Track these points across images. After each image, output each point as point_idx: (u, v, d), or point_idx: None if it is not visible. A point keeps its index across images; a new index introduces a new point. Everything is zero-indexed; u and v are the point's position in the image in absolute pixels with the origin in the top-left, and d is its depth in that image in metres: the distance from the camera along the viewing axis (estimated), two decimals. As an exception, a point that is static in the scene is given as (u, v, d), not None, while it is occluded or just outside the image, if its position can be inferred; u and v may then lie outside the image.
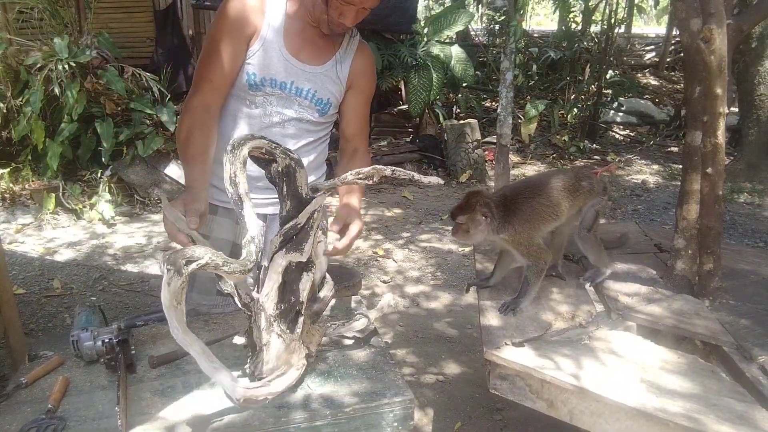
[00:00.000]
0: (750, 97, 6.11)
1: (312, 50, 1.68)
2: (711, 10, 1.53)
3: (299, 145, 1.75)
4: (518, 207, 1.74)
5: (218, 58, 1.60)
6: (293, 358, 1.25)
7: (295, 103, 1.69)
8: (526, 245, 1.74)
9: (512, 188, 1.84)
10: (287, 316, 1.23)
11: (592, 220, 1.88)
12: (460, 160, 6.40)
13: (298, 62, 1.66)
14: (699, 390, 1.36)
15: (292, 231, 1.16)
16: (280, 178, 1.17)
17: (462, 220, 1.71)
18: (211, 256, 1.03)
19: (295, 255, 1.17)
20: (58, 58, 4.83)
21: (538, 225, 1.76)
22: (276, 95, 1.67)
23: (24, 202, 4.91)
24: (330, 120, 1.82)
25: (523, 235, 1.72)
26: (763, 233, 4.80)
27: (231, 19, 1.59)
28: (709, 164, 1.68)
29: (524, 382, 1.47)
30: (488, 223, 1.71)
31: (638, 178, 6.42)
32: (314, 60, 1.68)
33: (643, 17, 15.93)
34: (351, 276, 3.50)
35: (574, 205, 1.85)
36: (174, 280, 0.99)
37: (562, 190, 1.80)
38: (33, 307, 3.47)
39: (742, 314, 1.72)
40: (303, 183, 1.18)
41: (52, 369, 1.36)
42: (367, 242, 4.57)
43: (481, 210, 1.68)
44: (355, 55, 1.74)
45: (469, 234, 1.72)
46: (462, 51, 7.26)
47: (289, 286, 1.22)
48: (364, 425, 1.23)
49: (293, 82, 1.66)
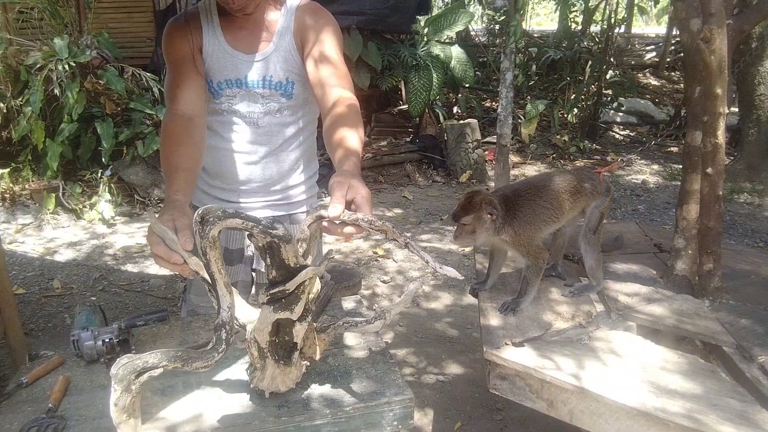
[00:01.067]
0: (750, 97, 6.11)
1: (251, 38, 1.61)
2: (711, 10, 1.53)
3: (280, 141, 1.68)
4: (519, 208, 1.71)
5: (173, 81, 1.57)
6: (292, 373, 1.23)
7: (258, 96, 1.63)
8: (527, 246, 1.72)
9: (513, 189, 1.81)
10: (282, 349, 1.17)
11: (597, 222, 1.85)
12: (460, 160, 6.40)
13: (243, 54, 1.60)
14: (699, 390, 1.36)
15: (279, 294, 1.07)
16: (263, 252, 1.05)
17: (467, 221, 1.66)
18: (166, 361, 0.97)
19: (285, 313, 1.09)
20: (58, 58, 4.83)
21: (539, 226, 1.74)
22: (238, 95, 1.63)
23: (24, 202, 4.91)
24: (308, 101, 1.68)
25: (524, 236, 1.70)
26: (763, 233, 4.80)
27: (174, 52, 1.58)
28: (709, 164, 1.68)
29: (524, 382, 1.47)
30: (493, 223, 1.67)
31: (638, 178, 6.43)
32: (256, 46, 1.61)
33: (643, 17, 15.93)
34: (351, 276, 3.51)
35: (576, 207, 1.83)
36: (122, 398, 0.96)
37: (564, 192, 1.78)
38: (33, 307, 3.48)
39: (742, 314, 1.72)
40: (290, 256, 1.05)
41: (53, 368, 1.36)
42: (367, 242, 4.57)
43: (487, 209, 1.65)
44: (295, 17, 1.61)
45: (474, 235, 1.67)
46: (462, 51, 7.26)
47: (283, 329, 1.15)
48: (364, 424, 1.23)
49: (246, 76, 1.61)
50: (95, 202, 4.87)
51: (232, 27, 1.60)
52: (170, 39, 1.61)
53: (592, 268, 1.85)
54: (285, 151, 1.72)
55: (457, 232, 1.69)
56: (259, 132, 1.66)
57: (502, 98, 4.95)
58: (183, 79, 1.56)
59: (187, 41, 1.59)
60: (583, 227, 1.86)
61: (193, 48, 1.59)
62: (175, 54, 1.59)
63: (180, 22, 1.62)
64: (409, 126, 7.29)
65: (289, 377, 1.23)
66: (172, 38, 1.60)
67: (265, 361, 1.18)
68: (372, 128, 7.07)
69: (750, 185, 5.93)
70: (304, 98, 1.68)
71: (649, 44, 12.67)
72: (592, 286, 1.85)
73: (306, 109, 1.72)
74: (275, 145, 1.69)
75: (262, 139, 1.67)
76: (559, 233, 1.94)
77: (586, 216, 1.86)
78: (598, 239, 1.85)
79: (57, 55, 4.84)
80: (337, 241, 4.57)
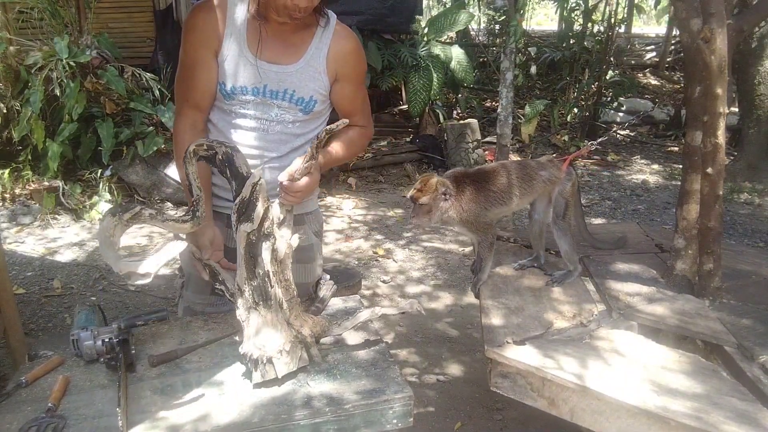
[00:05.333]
0: (750, 97, 6.10)
1: (281, 48, 1.57)
2: (711, 10, 1.53)
3: (287, 150, 1.66)
4: (467, 188, 1.86)
5: (192, 76, 1.57)
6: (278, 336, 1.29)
7: (274, 106, 1.60)
8: (474, 222, 1.87)
9: (464, 172, 1.96)
10: (260, 291, 1.30)
11: (563, 208, 1.96)
12: (460, 160, 6.39)
13: (267, 64, 1.56)
14: (700, 389, 1.36)
15: (241, 206, 1.28)
16: (223, 165, 1.32)
17: (424, 201, 1.81)
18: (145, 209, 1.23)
19: (247, 225, 1.28)
20: (58, 58, 4.82)
21: (484, 206, 1.88)
22: (252, 102, 1.59)
23: (24, 202, 4.91)
24: (322, 114, 1.71)
25: (470, 213, 1.86)
26: (763, 233, 4.80)
27: (196, 36, 1.55)
28: (709, 164, 1.68)
29: (525, 381, 1.47)
30: (446, 202, 1.83)
31: (638, 178, 6.42)
32: (285, 58, 1.58)
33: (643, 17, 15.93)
34: (351, 276, 3.52)
35: (530, 193, 1.94)
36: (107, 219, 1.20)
37: (515, 177, 1.91)
38: (33, 307, 3.47)
39: (743, 314, 1.72)
40: (242, 164, 1.32)
41: (53, 368, 1.36)
42: (368, 242, 4.57)
43: (442, 189, 1.81)
44: (331, 42, 1.61)
45: (431, 214, 1.84)
46: (462, 51, 7.26)
47: (254, 260, 1.31)
48: (364, 422, 1.23)
49: (266, 86, 1.57)
50: (95, 202, 4.86)
51: (256, 33, 1.55)
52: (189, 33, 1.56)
53: (567, 253, 1.94)
54: (291, 159, 1.68)
55: (414, 212, 1.86)
56: (268, 138, 1.64)
57: (502, 98, 4.95)
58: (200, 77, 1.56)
59: (209, 39, 1.55)
60: (552, 214, 1.97)
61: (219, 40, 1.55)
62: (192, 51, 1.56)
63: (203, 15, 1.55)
64: (409, 126, 7.28)
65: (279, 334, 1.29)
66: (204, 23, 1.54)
67: (249, 312, 1.29)
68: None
69: (750, 185, 5.93)
70: (320, 113, 1.69)
71: (649, 44, 12.67)
72: (570, 272, 1.94)
73: (319, 122, 1.72)
74: (282, 153, 1.66)
75: (271, 146, 1.65)
76: (533, 222, 2.04)
77: (552, 203, 1.97)
78: (569, 225, 1.97)
79: (57, 55, 4.83)
80: (337, 241, 4.57)
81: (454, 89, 7.88)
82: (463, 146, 6.37)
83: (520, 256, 2.15)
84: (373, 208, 5.37)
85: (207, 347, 1.45)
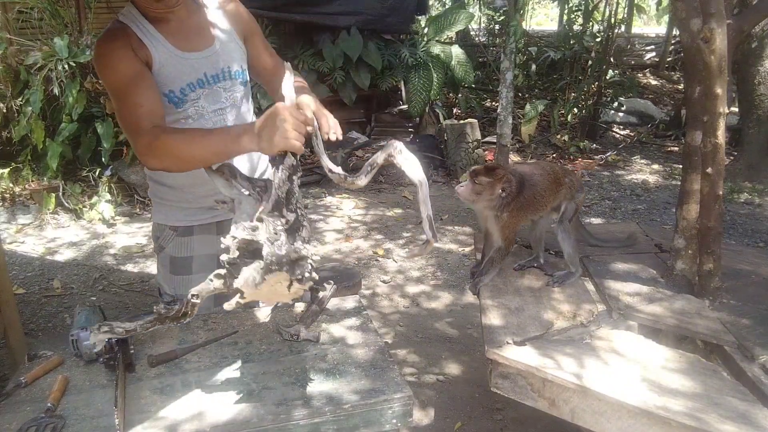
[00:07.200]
0: (750, 97, 6.10)
1: (193, 36, 1.56)
2: (711, 10, 1.53)
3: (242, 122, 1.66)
4: (523, 194, 1.84)
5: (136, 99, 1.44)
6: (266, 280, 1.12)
7: (221, 90, 1.60)
8: (511, 229, 1.87)
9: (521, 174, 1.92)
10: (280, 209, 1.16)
11: (572, 213, 1.98)
12: (460, 160, 6.39)
13: (195, 53, 1.55)
14: (700, 389, 1.36)
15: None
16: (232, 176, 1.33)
17: (482, 181, 1.79)
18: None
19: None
20: (58, 58, 4.82)
21: (526, 214, 1.89)
22: (202, 96, 1.58)
23: (24, 202, 4.91)
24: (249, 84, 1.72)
25: (513, 220, 1.85)
26: (763, 233, 4.80)
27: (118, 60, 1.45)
28: (709, 164, 1.68)
29: (526, 381, 1.47)
30: (500, 199, 1.81)
31: (638, 178, 6.42)
32: (203, 42, 1.57)
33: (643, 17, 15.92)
34: (351, 276, 3.51)
35: (557, 199, 1.96)
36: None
37: (552, 182, 1.92)
38: (33, 307, 3.47)
39: (743, 314, 1.72)
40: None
41: (52, 368, 1.36)
42: (368, 242, 4.57)
43: (503, 185, 1.79)
44: (219, 9, 1.62)
45: (478, 196, 1.81)
46: (462, 51, 7.26)
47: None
48: (364, 422, 1.23)
49: (205, 73, 1.56)
50: (95, 202, 4.86)
51: (170, 30, 1.52)
52: (114, 60, 1.45)
53: (570, 255, 1.94)
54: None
55: (464, 185, 1.83)
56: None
57: (502, 98, 4.95)
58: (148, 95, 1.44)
59: (136, 57, 1.46)
60: (560, 217, 1.98)
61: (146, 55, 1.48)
62: (127, 74, 1.44)
63: (117, 40, 1.47)
64: (409, 126, 7.28)
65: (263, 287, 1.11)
66: (116, 59, 1.45)
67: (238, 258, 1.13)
68: (372, 128, 7.06)
69: (750, 185, 5.92)
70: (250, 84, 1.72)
71: (649, 44, 12.67)
72: (571, 273, 1.94)
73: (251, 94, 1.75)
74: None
75: None
76: (536, 224, 2.05)
77: (562, 208, 1.99)
78: (574, 228, 1.99)
79: (57, 55, 4.83)
80: (336, 241, 4.57)
81: (454, 89, 7.88)
82: (463, 146, 6.36)
83: (520, 257, 2.14)
84: (372, 208, 5.36)
85: (206, 347, 1.45)
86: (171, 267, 1.73)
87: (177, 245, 1.72)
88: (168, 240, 1.72)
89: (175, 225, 1.71)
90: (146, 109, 1.43)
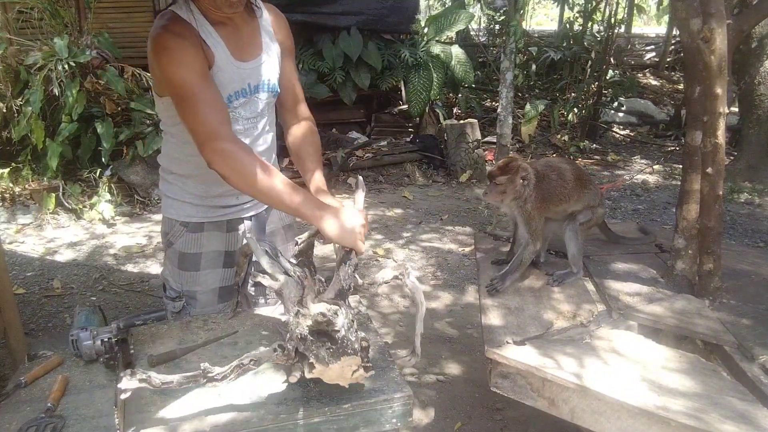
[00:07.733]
0: (750, 97, 6.10)
1: (246, 45, 1.57)
2: (711, 10, 1.53)
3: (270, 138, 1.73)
4: (544, 183, 1.85)
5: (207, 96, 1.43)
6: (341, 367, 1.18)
7: (259, 100, 1.63)
8: (537, 221, 1.86)
9: (544, 164, 1.95)
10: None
11: (586, 219, 1.99)
12: (460, 160, 6.39)
13: (244, 63, 1.56)
14: (700, 389, 1.36)
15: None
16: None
17: (501, 180, 1.80)
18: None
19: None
20: (58, 58, 4.82)
21: (548, 205, 1.88)
22: (241, 105, 1.60)
23: (24, 202, 4.91)
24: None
25: (537, 211, 1.85)
26: (763, 233, 4.80)
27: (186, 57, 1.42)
28: (709, 164, 1.68)
29: (525, 381, 1.47)
30: (523, 188, 1.81)
31: (638, 178, 6.42)
32: (252, 53, 1.59)
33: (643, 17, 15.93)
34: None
35: (579, 201, 1.96)
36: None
37: (577, 178, 1.93)
38: (33, 307, 3.47)
39: (743, 314, 1.72)
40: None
41: (52, 368, 1.36)
42: (368, 242, 4.56)
43: (522, 174, 1.81)
44: (270, 21, 1.65)
45: (503, 195, 1.83)
46: (462, 51, 7.26)
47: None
48: (363, 422, 1.23)
49: (249, 84, 1.59)
50: (95, 202, 4.86)
51: (227, 36, 1.52)
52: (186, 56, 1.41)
53: (574, 256, 1.95)
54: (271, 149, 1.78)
55: (488, 189, 1.85)
56: (256, 134, 1.68)
57: (502, 98, 4.95)
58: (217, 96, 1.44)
59: (205, 57, 1.46)
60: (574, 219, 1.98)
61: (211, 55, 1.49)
62: (200, 72, 1.43)
63: (186, 37, 1.43)
64: (409, 126, 7.28)
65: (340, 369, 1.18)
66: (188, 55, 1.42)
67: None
68: (372, 128, 7.06)
69: (750, 185, 5.92)
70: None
71: (649, 44, 12.68)
72: (572, 273, 1.95)
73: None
74: (268, 143, 1.73)
75: (259, 140, 1.69)
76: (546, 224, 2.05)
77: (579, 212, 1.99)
78: (583, 230, 1.99)
79: (57, 55, 4.83)
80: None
81: (454, 89, 7.88)
82: (463, 146, 6.36)
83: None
84: (372, 208, 5.36)
85: (206, 347, 1.45)
86: (179, 262, 1.73)
87: (187, 241, 1.72)
88: (178, 235, 1.72)
89: (186, 221, 1.71)
90: (219, 110, 1.43)
